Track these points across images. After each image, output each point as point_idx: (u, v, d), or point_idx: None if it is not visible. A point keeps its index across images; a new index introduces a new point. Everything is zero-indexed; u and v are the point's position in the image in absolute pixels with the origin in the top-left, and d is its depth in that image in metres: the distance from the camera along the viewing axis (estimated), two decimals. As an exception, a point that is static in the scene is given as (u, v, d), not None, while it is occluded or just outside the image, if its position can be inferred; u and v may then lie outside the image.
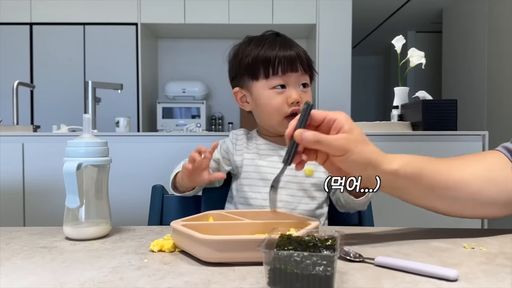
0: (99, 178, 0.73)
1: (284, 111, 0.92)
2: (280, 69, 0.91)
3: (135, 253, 0.61)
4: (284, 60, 0.91)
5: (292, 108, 0.91)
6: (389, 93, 5.68)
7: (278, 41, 0.95)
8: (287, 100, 0.91)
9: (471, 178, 0.69)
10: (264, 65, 0.92)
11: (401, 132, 1.71)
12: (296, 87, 0.93)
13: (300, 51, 0.94)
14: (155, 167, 1.67)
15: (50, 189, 1.67)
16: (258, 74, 0.93)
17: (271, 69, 0.91)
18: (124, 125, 2.30)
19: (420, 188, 0.67)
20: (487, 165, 0.72)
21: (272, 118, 0.94)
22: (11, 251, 0.63)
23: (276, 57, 0.91)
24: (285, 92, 0.92)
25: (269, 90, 0.92)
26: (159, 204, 1.03)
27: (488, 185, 0.69)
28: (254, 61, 0.93)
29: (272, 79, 0.92)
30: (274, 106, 0.92)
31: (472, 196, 0.68)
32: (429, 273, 0.50)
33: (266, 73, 0.92)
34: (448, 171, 0.69)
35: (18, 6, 3.50)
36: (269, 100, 0.92)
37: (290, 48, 0.92)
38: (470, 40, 3.84)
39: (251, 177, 0.95)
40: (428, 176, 0.67)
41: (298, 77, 0.92)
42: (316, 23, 3.58)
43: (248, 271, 0.52)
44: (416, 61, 1.88)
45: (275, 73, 0.91)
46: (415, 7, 4.41)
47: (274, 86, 0.92)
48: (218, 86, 4.05)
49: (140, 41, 3.57)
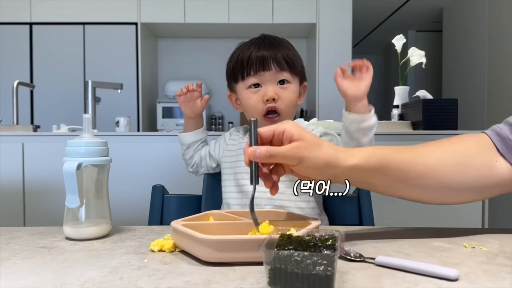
0: (99, 178, 0.73)
1: (260, 109, 0.95)
2: (252, 69, 0.94)
3: (135, 253, 0.61)
4: (256, 60, 0.94)
5: (268, 105, 0.94)
6: (389, 92, 5.68)
7: (256, 43, 0.97)
8: (262, 98, 0.94)
9: (444, 164, 0.66)
10: (240, 67, 0.96)
11: (401, 132, 1.71)
12: (272, 84, 0.95)
13: (278, 52, 0.95)
14: (155, 167, 1.67)
15: (50, 189, 1.67)
16: (237, 77, 0.98)
17: (245, 70, 0.95)
18: (124, 124, 2.30)
19: (388, 178, 0.65)
20: (465, 150, 0.69)
21: (252, 115, 0.98)
22: (11, 251, 0.63)
23: (249, 58, 0.94)
24: (260, 90, 0.95)
25: (246, 90, 0.97)
26: (159, 204, 1.03)
27: (463, 171, 0.66)
28: (233, 65, 0.99)
29: (247, 79, 0.96)
30: (251, 105, 0.96)
31: (446, 183, 0.66)
32: (430, 272, 0.50)
33: (242, 75, 0.96)
34: (418, 159, 0.67)
35: (18, 6, 3.49)
36: (247, 99, 0.97)
37: (264, 49, 0.95)
38: (470, 39, 3.84)
39: (242, 165, 0.98)
40: (395, 166, 0.65)
41: (274, 74, 0.94)
42: (316, 23, 3.58)
43: (248, 271, 0.52)
44: (417, 60, 1.88)
45: (248, 73, 0.95)
46: (415, 6, 4.41)
47: (249, 85, 0.96)
48: (218, 86, 4.05)
49: (140, 40, 3.57)
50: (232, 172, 1.02)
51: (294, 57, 0.98)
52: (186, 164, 1.15)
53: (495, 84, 3.37)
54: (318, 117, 3.49)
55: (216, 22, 3.59)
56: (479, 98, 3.58)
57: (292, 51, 0.99)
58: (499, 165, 0.66)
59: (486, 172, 0.66)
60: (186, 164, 1.15)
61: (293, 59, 0.97)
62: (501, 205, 3.07)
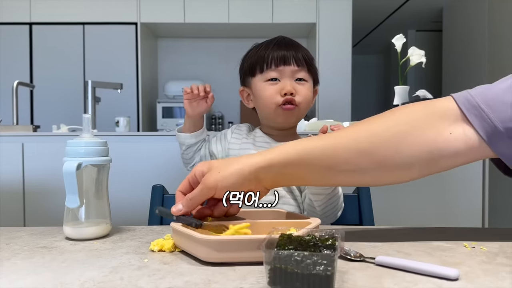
0: (99, 178, 0.73)
1: (276, 100, 0.96)
2: (273, 62, 0.96)
3: (135, 253, 0.61)
4: (278, 55, 0.96)
5: (285, 97, 0.96)
6: (389, 92, 5.68)
7: (277, 42, 1.00)
8: (280, 91, 0.96)
9: (376, 141, 0.59)
10: (260, 62, 0.98)
11: (401, 131, 1.71)
12: (290, 79, 0.97)
13: (298, 51, 0.98)
14: (155, 167, 1.67)
15: (50, 189, 1.67)
16: (255, 70, 0.99)
17: (265, 64, 0.97)
18: (124, 124, 2.30)
19: (314, 168, 0.61)
20: (405, 120, 0.60)
21: (266, 107, 0.99)
22: (11, 251, 0.63)
23: (270, 53, 0.97)
24: (279, 84, 0.97)
25: (264, 82, 0.98)
26: (159, 203, 1.03)
27: (398, 146, 0.59)
28: (252, 61, 1.00)
29: (266, 72, 0.97)
30: (267, 95, 0.98)
31: (380, 163, 0.60)
32: (430, 272, 0.50)
33: (261, 68, 0.98)
34: (344, 143, 0.61)
35: (18, 6, 3.49)
36: (264, 91, 0.98)
37: (285, 48, 0.98)
38: (470, 39, 3.84)
39: None
40: (319, 153, 0.61)
41: (292, 71, 0.97)
42: (316, 22, 3.57)
43: (248, 270, 0.52)
44: (416, 60, 1.87)
45: (269, 66, 0.97)
46: (415, 5, 4.41)
47: (269, 78, 0.97)
48: (218, 86, 4.04)
49: (140, 40, 3.57)
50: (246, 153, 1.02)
51: (312, 59, 1.01)
52: (185, 163, 1.15)
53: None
54: (318, 117, 3.49)
55: (216, 22, 3.59)
56: (479, 98, 3.58)
57: (309, 53, 1.02)
58: (456, 133, 0.58)
59: (433, 143, 0.59)
60: (186, 163, 1.14)
61: (311, 60, 1.01)
62: (501, 205, 3.07)
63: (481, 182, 1.66)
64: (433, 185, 1.67)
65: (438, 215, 1.67)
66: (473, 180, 1.66)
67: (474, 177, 1.66)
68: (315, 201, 0.89)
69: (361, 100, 6.06)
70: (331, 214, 0.92)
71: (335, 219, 0.94)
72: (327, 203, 0.89)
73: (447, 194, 1.66)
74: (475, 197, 1.66)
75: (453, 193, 1.66)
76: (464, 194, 1.66)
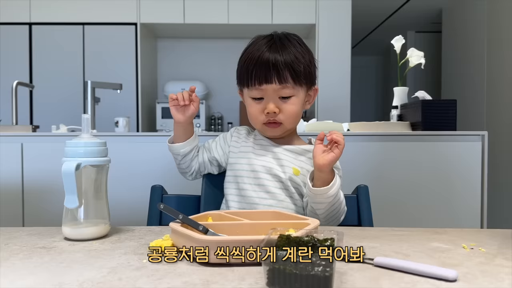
0: (98, 178, 0.73)
1: (260, 119, 0.98)
2: (256, 80, 0.94)
3: (134, 253, 0.61)
4: (259, 70, 0.93)
5: (268, 118, 0.96)
6: (388, 93, 5.67)
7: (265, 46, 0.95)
8: (263, 111, 0.96)
9: None
10: (245, 78, 0.97)
11: (400, 132, 1.71)
12: (274, 98, 0.95)
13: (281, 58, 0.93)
14: (154, 167, 1.67)
15: (49, 189, 1.67)
16: (242, 82, 0.99)
17: (249, 79, 0.96)
18: (123, 125, 2.30)
19: None
20: None
21: (252, 122, 1.01)
22: (10, 251, 0.63)
23: (254, 65, 0.94)
24: (262, 103, 0.96)
25: (250, 99, 0.98)
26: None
27: None
28: (240, 67, 0.99)
29: (251, 90, 0.97)
30: (252, 114, 0.99)
31: None
32: (428, 273, 0.50)
33: (246, 83, 0.97)
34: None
35: (18, 6, 3.49)
36: (250, 107, 0.99)
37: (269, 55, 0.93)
38: (469, 40, 3.84)
39: (243, 168, 1.00)
40: None
41: (275, 90, 0.94)
42: (316, 23, 3.58)
43: (247, 271, 0.52)
44: (416, 61, 1.88)
45: (253, 84, 0.95)
46: (414, 7, 4.41)
47: (253, 97, 0.97)
48: (217, 86, 4.04)
49: (139, 41, 3.57)
50: (232, 174, 1.02)
51: (299, 65, 0.94)
52: (183, 173, 1.08)
53: (494, 85, 3.37)
54: (317, 117, 3.49)
55: (216, 22, 3.59)
56: (478, 99, 3.59)
57: (300, 56, 0.95)
58: None
59: None
60: (184, 173, 1.08)
61: (298, 69, 0.94)
62: (500, 206, 3.07)
63: (480, 183, 1.66)
64: (432, 186, 1.67)
65: (437, 216, 1.67)
66: (472, 181, 1.66)
67: (473, 178, 1.66)
68: (317, 209, 0.89)
69: (360, 101, 6.06)
70: (334, 219, 0.92)
71: (338, 223, 0.94)
72: (329, 210, 0.89)
73: (446, 195, 1.66)
74: (474, 198, 1.66)
75: (452, 194, 1.66)
76: (463, 195, 1.66)
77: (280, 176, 0.97)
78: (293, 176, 0.97)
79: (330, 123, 1.79)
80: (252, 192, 0.97)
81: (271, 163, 0.99)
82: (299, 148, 1.01)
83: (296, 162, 1.00)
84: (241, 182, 0.99)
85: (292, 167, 0.98)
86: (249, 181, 0.98)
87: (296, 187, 0.98)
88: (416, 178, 1.67)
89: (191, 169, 1.06)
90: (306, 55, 0.97)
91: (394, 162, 1.67)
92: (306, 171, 0.98)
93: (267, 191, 0.97)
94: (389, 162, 1.67)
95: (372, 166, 1.66)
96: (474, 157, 1.66)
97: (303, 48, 0.98)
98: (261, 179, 0.97)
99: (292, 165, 0.98)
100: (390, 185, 1.65)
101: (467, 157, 1.66)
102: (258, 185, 0.97)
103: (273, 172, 0.97)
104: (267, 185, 0.97)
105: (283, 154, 1.00)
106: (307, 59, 0.97)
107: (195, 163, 1.05)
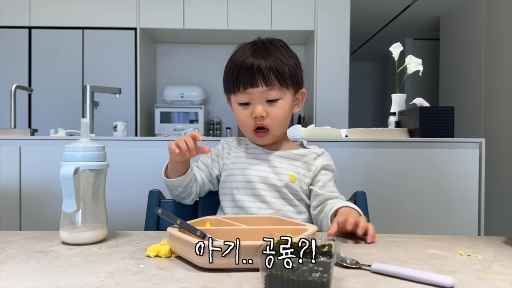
0: (96, 182, 0.73)
1: (250, 124, 0.97)
2: (241, 85, 0.94)
3: (131, 258, 0.61)
4: (243, 74, 0.93)
5: (256, 122, 0.95)
6: (386, 99, 5.70)
7: (248, 52, 0.95)
8: (251, 115, 0.95)
9: None
10: (231, 80, 0.96)
11: (398, 139, 1.72)
12: (261, 101, 0.95)
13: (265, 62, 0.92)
14: (152, 172, 1.67)
15: (47, 193, 1.66)
16: (228, 89, 0.99)
17: (234, 85, 0.95)
18: (122, 129, 2.29)
19: None
20: None
21: (243, 130, 1.00)
22: (7, 255, 0.63)
23: (238, 71, 0.94)
24: (249, 107, 0.96)
25: (237, 105, 0.98)
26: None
27: None
28: (225, 75, 0.99)
29: (237, 96, 0.96)
30: (241, 120, 0.98)
31: None
32: (425, 280, 0.50)
33: (232, 89, 0.97)
34: None
35: (17, 9, 3.50)
36: (238, 113, 0.99)
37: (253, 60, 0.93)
38: (467, 48, 3.87)
39: (238, 180, 0.99)
40: None
41: (262, 93, 0.93)
42: (314, 30, 3.59)
43: (244, 277, 0.52)
44: (414, 68, 1.89)
45: (238, 89, 0.95)
46: (412, 14, 4.44)
47: (240, 102, 0.97)
48: (216, 91, 4.05)
49: (139, 45, 3.57)
50: (228, 186, 1.00)
51: (284, 68, 0.94)
52: (182, 200, 1.02)
53: (492, 92, 3.39)
54: (315, 123, 3.50)
55: (215, 28, 3.60)
56: (475, 106, 3.60)
57: (284, 59, 0.95)
58: None
59: None
60: (183, 200, 1.02)
61: (283, 71, 0.93)
62: (497, 213, 3.07)
63: (477, 190, 1.66)
64: (429, 193, 1.67)
65: (434, 222, 1.67)
66: (469, 188, 1.66)
67: (470, 185, 1.66)
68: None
69: (358, 108, 6.08)
70: None
71: None
72: None
73: (443, 202, 1.67)
74: (471, 205, 1.66)
75: (449, 201, 1.67)
76: (460, 202, 1.67)
77: (276, 184, 0.97)
78: (289, 183, 0.97)
79: (328, 129, 1.79)
80: (249, 203, 0.97)
81: (266, 172, 0.98)
82: (293, 154, 1.01)
83: (291, 168, 0.99)
84: (237, 193, 0.98)
85: (288, 174, 0.97)
86: (245, 192, 0.97)
87: (294, 193, 0.98)
88: (414, 185, 1.67)
89: (192, 195, 1.02)
90: (291, 59, 0.97)
91: (391, 168, 1.68)
92: (302, 176, 0.99)
93: (264, 201, 0.96)
94: (387, 169, 1.68)
95: (369, 172, 1.67)
96: (471, 164, 1.67)
97: (287, 52, 0.98)
98: (257, 189, 0.96)
99: (288, 171, 0.98)
100: (387, 192, 1.65)
101: (465, 164, 1.67)
102: (254, 196, 0.97)
103: (269, 182, 0.97)
104: (263, 195, 0.96)
105: (277, 161, 0.99)
106: (292, 62, 0.97)
107: (195, 188, 1.01)
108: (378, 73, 6.80)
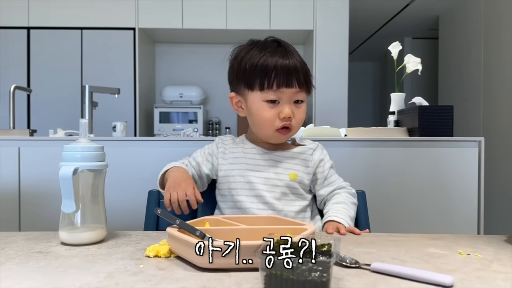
0: (95, 183, 0.73)
1: (275, 125, 0.94)
2: (275, 83, 0.91)
3: (130, 258, 0.61)
4: (280, 74, 0.91)
5: (283, 122, 0.94)
6: (385, 98, 5.70)
7: (278, 52, 0.94)
8: (279, 115, 0.93)
9: None
10: (260, 77, 0.92)
11: (397, 138, 1.72)
12: (289, 103, 0.94)
13: (298, 64, 0.93)
14: (151, 172, 1.66)
15: (46, 193, 1.66)
16: (253, 85, 0.93)
17: (266, 82, 0.92)
18: (121, 129, 2.29)
19: None
20: None
21: (263, 128, 0.96)
22: (6, 256, 0.63)
23: (273, 70, 0.91)
24: (277, 107, 0.93)
25: (263, 102, 0.93)
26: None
27: None
28: (250, 70, 0.93)
29: (266, 93, 0.92)
30: (266, 119, 0.94)
31: None
32: (425, 279, 0.50)
33: (261, 85, 0.92)
34: None
35: (16, 10, 3.49)
36: (262, 111, 0.94)
37: (288, 61, 0.92)
38: (466, 47, 3.87)
39: (237, 180, 0.98)
40: None
41: (292, 93, 0.93)
42: (313, 29, 3.59)
43: (244, 276, 0.52)
44: (413, 67, 1.89)
45: (270, 87, 0.92)
46: (411, 13, 4.44)
47: (268, 100, 0.93)
48: (215, 91, 4.05)
49: (137, 45, 3.57)
50: (226, 187, 0.99)
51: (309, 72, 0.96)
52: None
53: (491, 91, 3.39)
54: (314, 123, 3.50)
55: (214, 28, 3.60)
56: (474, 105, 3.61)
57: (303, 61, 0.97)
58: None
59: None
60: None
61: (310, 75, 0.96)
62: (496, 212, 3.08)
63: (477, 188, 1.67)
64: (428, 192, 1.67)
65: (433, 221, 1.67)
66: (468, 187, 1.67)
67: (470, 183, 1.67)
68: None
69: (357, 107, 6.08)
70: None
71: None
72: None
73: (443, 201, 1.67)
74: (470, 204, 1.66)
75: (448, 200, 1.67)
76: (460, 201, 1.67)
77: (277, 184, 0.96)
78: (290, 182, 0.97)
79: (327, 128, 1.79)
80: (249, 203, 0.96)
81: (266, 173, 0.97)
82: (291, 152, 1.01)
83: (291, 166, 0.99)
84: (236, 194, 0.97)
85: (288, 173, 0.97)
86: (245, 193, 0.97)
87: (295, 192, 0.98)
88: (413, 184, 1.67)
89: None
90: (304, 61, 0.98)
91: (391, 167, 1.68)
92: (302, 173, 0.99)
93: (265, 201, 0.95)
94: (386, 168, 1.68)
95: (369, 171, 1.67)
96: (470, 163, 1.67)
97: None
98: (258, 190, 0.96)
99: (288, 170, 0.98)
100: (386, 191, 1.65)
101: (464, 163, 1.67)
102: (255, 196, 0.96)
103: (270, 182, 0.96)
104: (264, 196, 0.95)
105: (276, 161, 0.99)
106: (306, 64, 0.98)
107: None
108: (377, 72, 6.81)
